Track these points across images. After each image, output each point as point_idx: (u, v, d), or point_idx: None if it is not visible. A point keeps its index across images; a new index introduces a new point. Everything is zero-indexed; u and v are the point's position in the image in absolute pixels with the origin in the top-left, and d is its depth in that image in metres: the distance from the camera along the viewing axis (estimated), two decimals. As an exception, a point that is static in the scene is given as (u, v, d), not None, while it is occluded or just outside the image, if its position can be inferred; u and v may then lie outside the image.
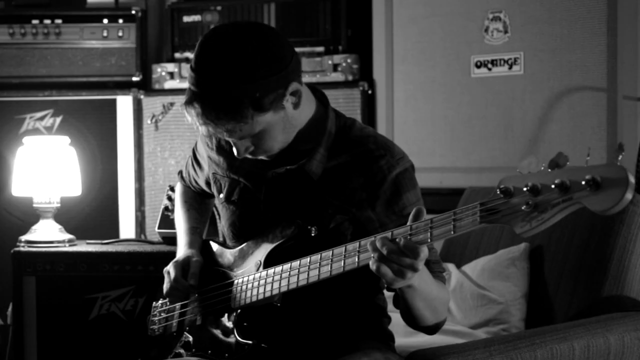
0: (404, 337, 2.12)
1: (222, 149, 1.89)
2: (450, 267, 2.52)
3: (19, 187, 2.91)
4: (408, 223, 1.48)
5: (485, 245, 2.52)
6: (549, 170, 1.26)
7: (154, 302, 2.05)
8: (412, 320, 1.70)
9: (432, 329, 1.72)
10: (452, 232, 1.39)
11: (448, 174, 3.07)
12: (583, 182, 1.20)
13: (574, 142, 2.82)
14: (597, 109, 2.77)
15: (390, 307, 1.87)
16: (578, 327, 1.91)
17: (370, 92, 3.21)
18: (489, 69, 2.98)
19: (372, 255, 1.48)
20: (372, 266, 1.48)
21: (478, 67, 3.01)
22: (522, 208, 1.28)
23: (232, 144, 1.71)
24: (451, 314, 2.41)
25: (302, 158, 1.74)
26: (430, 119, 3.12)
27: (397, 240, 1.46)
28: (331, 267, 1.58)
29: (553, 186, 1.23)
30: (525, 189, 1.27)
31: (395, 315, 1.90)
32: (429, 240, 1.43)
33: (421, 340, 2.16)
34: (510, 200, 1.30)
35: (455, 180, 3.03)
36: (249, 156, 1.74)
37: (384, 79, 3.21)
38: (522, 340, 1.80)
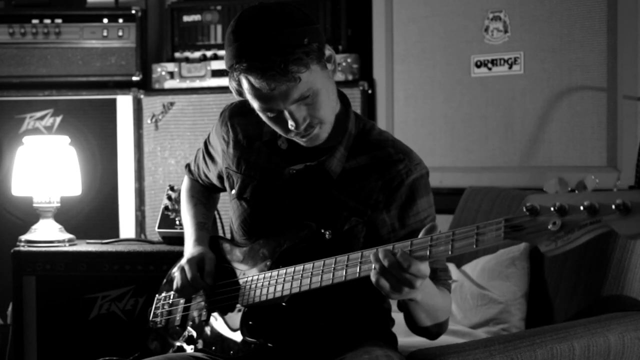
0: (405, 337, 2.12)
1: (239, 144, 1.88)
2: (451, 267, 2.52)
3: (19, 187, 2.91)
4: (420, 236, 1.50)
5: (485, 245, 2.51)
6: (576, 192, 1.27)
7: (157, 295, 2.05)
8: (413, 325, 1.73)
9: (433, 335, 1.75)
10: (475, 246, 1.40)
11: (448, 173, 3.06)
12: (613, 206, 1.21)
13: (574, 142, 2.82)
14: (597, 109, 2.78)
15: (394, 307, 1.87)
16: (578, 327, 1.91)
17: (370, 91, 3.21)
18: (489, 69, 2.98)
19: (373, 266, 1.50)
20: (372, 277, 1.50)
21: (478, 66, 3.01)
22: (549, 227, 1.28)
23: (287, 117, 1.66)
24: (451, 314, 2.41)
25: (321, 156, 1.75)
26: (430, 119, 3.12)
27: (397, 254, 1.48)
28: (346, 272, 1.59)
29: (582, 208, 1.25)
30: (552, 208, 1.28)
31: (397, 316, 1.91)
32: (450, 253, 1.44)
33: (421, 340, 2.15)
34: (537, 219, 1.31)
35: (455, 180, 3.03)
36: (302, 138, 1.70)
37: (384, 79, 3.21)
38: (522, 340, 1.80)
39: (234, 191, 1.88)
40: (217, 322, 1.83)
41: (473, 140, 3.03)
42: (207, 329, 1.84)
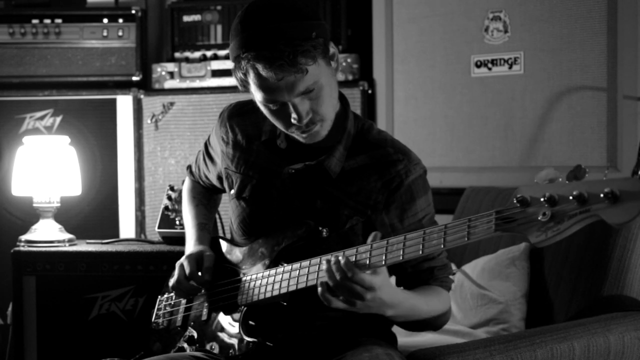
0: (405, 336, 2.12)
1: (238, 144, 1.88)
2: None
3: (19, 187, 2.91)
4: (368, 241, 1.55)
5: (485, 245, 2.52)
6: (567, 182, 1.27)
7: (160, 296, 2.05)
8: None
9: (431, 327, 1.76)
10: (467, 239, 1.40)
11: (448, 173, 3.06)
12: (601, 195, 1.22)
13: (574, 142, 2.82)
14: (597, 109, 2.77)
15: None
16: (578, 327, 1.91)
17: (370, 91, 3.21)
18: (489, 69, 2.98)
19: (326, 279, 1.54)
20: (319, 288, 1.55)
21: (478, 66, 3.01)
22: (539, 218, 1.29)
23: (291, 110, 1.65)
24: (452, 314, 2.41)
25: (320, 155, 1.75)
26: (431, 119, 3.12)
27: (342, 262, 1.52)
28: None
29: (571, 197, 1.25)
30: (542, 199, 1.28)
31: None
32: (442, 247, 1.45)
33: (421, 340, 2.16)
34: (527, 210, 1.31)
35: (455, 180, 3.03)
36: (303, 134, 1.70)
37: (384, 79, 3.20)
38: (522, 340, 1.80)
39: (232, 191, 1.88)
40: (217, 322, 1.83)
41: (473, 140, 3.03)
42: (207, 329, 1.84)
